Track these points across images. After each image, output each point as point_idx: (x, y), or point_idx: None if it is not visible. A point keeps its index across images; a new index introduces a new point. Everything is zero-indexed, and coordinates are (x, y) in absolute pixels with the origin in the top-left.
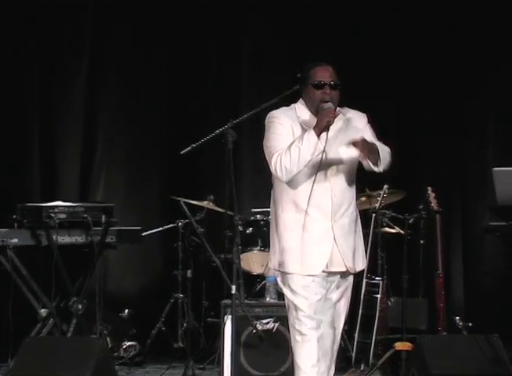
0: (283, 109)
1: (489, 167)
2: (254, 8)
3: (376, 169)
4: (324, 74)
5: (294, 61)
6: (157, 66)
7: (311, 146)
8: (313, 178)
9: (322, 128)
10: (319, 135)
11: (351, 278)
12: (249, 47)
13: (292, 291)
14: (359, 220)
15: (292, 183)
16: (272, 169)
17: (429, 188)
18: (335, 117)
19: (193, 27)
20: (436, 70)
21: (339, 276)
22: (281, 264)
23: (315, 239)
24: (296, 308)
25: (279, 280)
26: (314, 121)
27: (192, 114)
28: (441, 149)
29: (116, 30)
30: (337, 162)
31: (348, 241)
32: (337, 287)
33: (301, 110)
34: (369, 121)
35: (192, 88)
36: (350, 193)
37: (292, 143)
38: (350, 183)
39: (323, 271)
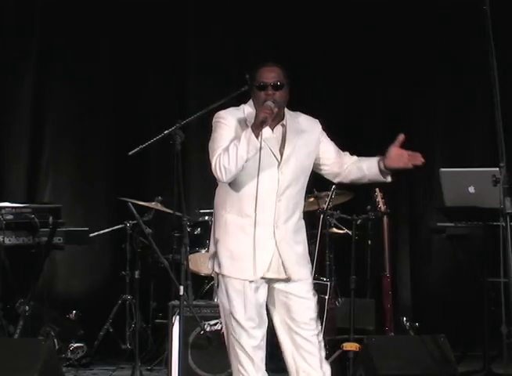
0: (231, 109)
1: (436, 168)
2: (200, 10)
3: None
4: (268, 74)
5: (242, 60)
6: (104, 66)
7: (249, 144)
8: (258, 180)
9: (258, 124)
10: (256, 132)
11: (298, 283)
12: (196, 47)
13: (228, 295)
14: (304, 229)
15: (237, 185)
16: (213, 169)
17: (376, 189)
18: (272, 113)
19: (139, 26)
20: (383, 68)
21: (280, 282)
22: (219, 266)
23: (255, 243)
24: (232, 314)
25: (215, 282)
26: None
27: (140, 115)
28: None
29: (63, 30)
30: (289, 167)
31: (291, 249)
32: (281, 291)
33: (248, 111)
34: (322, 128)
35: (139, 89)
36: (297, 201)
37: (231, 143)
38: (298, 192)
39: (262, 277)
